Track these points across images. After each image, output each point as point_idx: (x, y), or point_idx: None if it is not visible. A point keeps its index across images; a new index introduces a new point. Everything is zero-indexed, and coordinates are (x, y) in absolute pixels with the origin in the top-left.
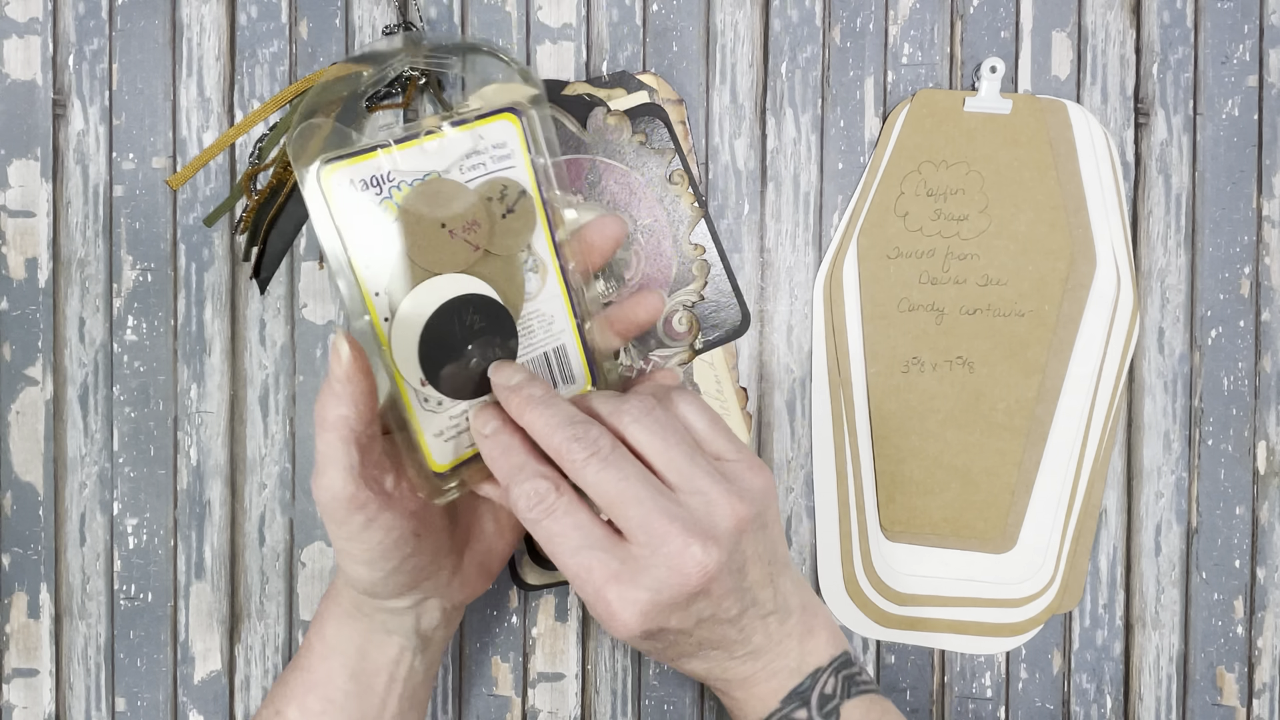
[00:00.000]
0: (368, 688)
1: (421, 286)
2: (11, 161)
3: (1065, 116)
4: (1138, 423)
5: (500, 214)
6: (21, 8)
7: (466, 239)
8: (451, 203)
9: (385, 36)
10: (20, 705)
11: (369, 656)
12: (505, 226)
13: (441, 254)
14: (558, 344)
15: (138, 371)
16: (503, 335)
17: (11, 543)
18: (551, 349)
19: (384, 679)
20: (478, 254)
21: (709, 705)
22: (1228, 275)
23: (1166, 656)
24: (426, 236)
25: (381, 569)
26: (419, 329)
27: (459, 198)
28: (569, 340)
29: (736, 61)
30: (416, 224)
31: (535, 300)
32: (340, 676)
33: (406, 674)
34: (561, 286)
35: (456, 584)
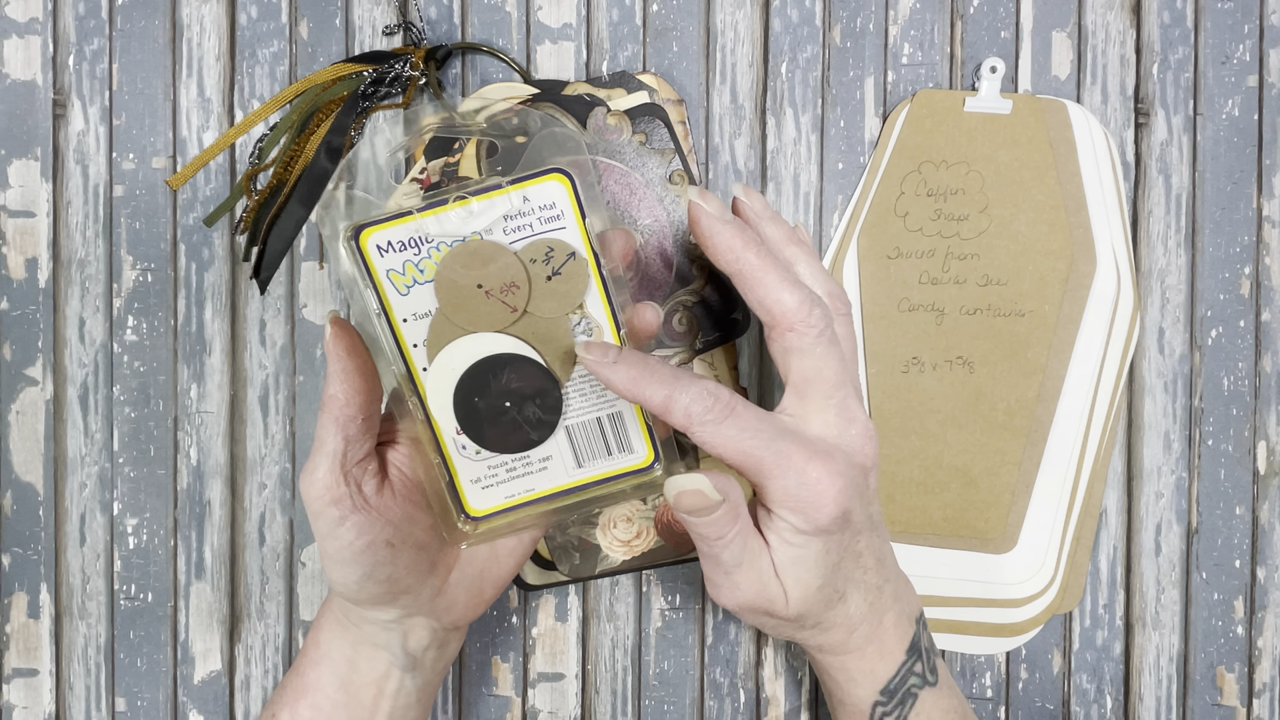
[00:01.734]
0: (356, 700)
1: (458, 342)
2: (11, 161)
3: (1065, 116)
4: (1138, 423)
5: (545, 276)
6: (21, 8)
7: (504, 300)
8: (488, 264)
9: (385, 36)
10: (20, 705)
11: (358, 668)
12: (549, 289)
13: (477, 314)
14: (613, 410)
15: (138, 371)
16: (544, 395)
17: (11, 543)
18: (606, 415)
19: (372, 693)
20: (516, 314)
21: (709, 705)
22: (1228, 275)
23: (1166, 656)
24: (462, 297)
25: (353, 572)
26: (454, 382)
27: (497, 259)
28: (627, 409)
29: (736, 61)
30: (452, 284)
31: None
32: (330, 685)
33: (395, 691)
34: None
35: (442, 605)
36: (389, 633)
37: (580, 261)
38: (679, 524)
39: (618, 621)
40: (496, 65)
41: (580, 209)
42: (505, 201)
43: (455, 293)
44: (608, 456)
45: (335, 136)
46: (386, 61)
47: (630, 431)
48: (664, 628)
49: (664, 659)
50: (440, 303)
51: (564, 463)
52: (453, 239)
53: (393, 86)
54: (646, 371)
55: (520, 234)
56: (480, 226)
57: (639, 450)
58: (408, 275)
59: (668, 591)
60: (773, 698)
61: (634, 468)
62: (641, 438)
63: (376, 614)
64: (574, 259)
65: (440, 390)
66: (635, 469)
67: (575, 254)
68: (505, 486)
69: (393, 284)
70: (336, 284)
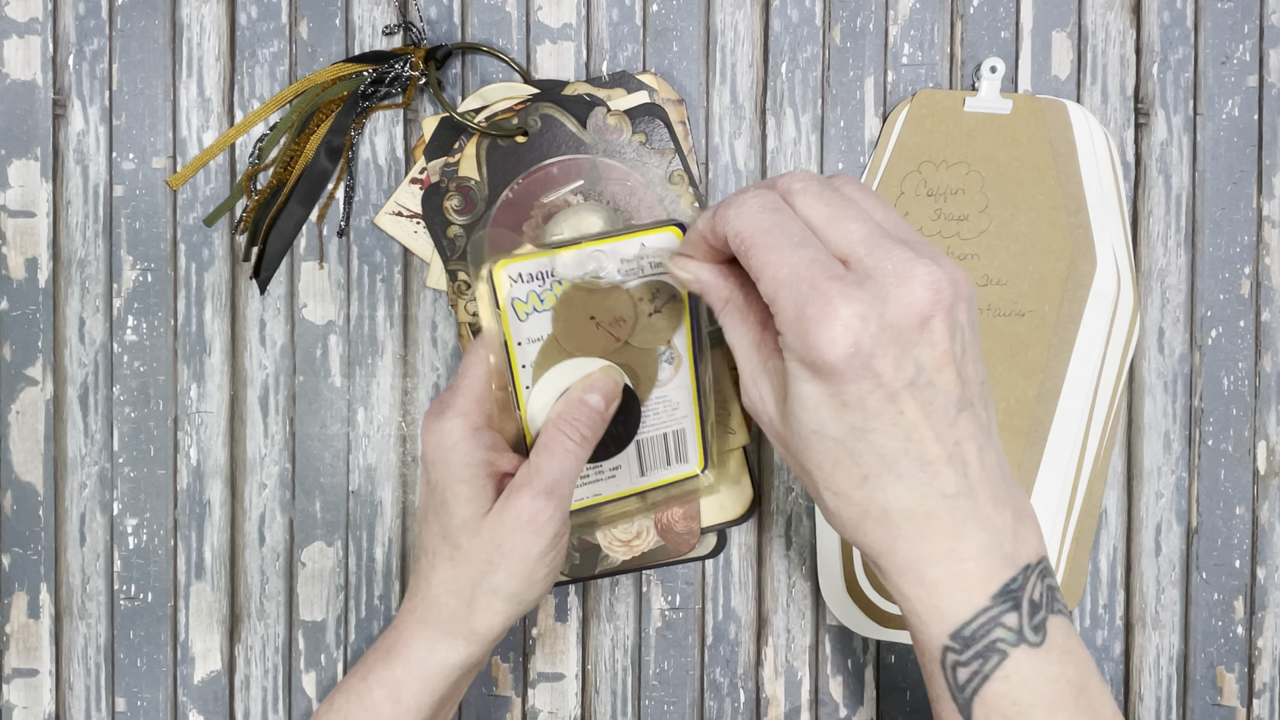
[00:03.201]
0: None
1: (562, 364)
2: (11, 161)
3: (1065, 116)
4: (1138, 423)
5: (647, 313)
6: (21, 8)
7: (610, 331)
8: (604, 300)
9: (385, 36)
10: (20, 705)
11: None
12: (649, 324)
13: (585, 342)
14: (678, 428)
15: (138, 371)
16: (627, 415)
17: (11, 543)
18: (671, 431)
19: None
20: (618, 344)
21: (709, 705)
22: (1228, 275)
23: (1166, 656)
24: (576, 326)
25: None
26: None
27: (612, 296)
28: (689, 426)
29: (736, 61)
30: (569, 315)
31: (665, 387)
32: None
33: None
34: (693, 380)
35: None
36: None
37: (678, 303)
38: (679, 524)
39: (618, 621)
40: (496, 65)
41: None
42: (627, 246)
43: (570, 322)
44: (667, 467)
45: (335, 136)
46: (386, 61)
47: (689, 444)
48: (664, 628)
49: (664, 659)
50: (555, 329)
51: (630, 471)
52: (575, 276)
53: (393, 86)
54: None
55: (633, 275)
56: (601, 266)
57: (693, 460)
58: (529, 304)
59: (668, 591)
60: (773, 698)
61: (688, 475)
62: (697, 449)
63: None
64: (674, 300)
65: (540, 405)
66: (689, 476)
67: (675, 296)
68: (579, 490)
69: (515, 311)
70: (337, 283)
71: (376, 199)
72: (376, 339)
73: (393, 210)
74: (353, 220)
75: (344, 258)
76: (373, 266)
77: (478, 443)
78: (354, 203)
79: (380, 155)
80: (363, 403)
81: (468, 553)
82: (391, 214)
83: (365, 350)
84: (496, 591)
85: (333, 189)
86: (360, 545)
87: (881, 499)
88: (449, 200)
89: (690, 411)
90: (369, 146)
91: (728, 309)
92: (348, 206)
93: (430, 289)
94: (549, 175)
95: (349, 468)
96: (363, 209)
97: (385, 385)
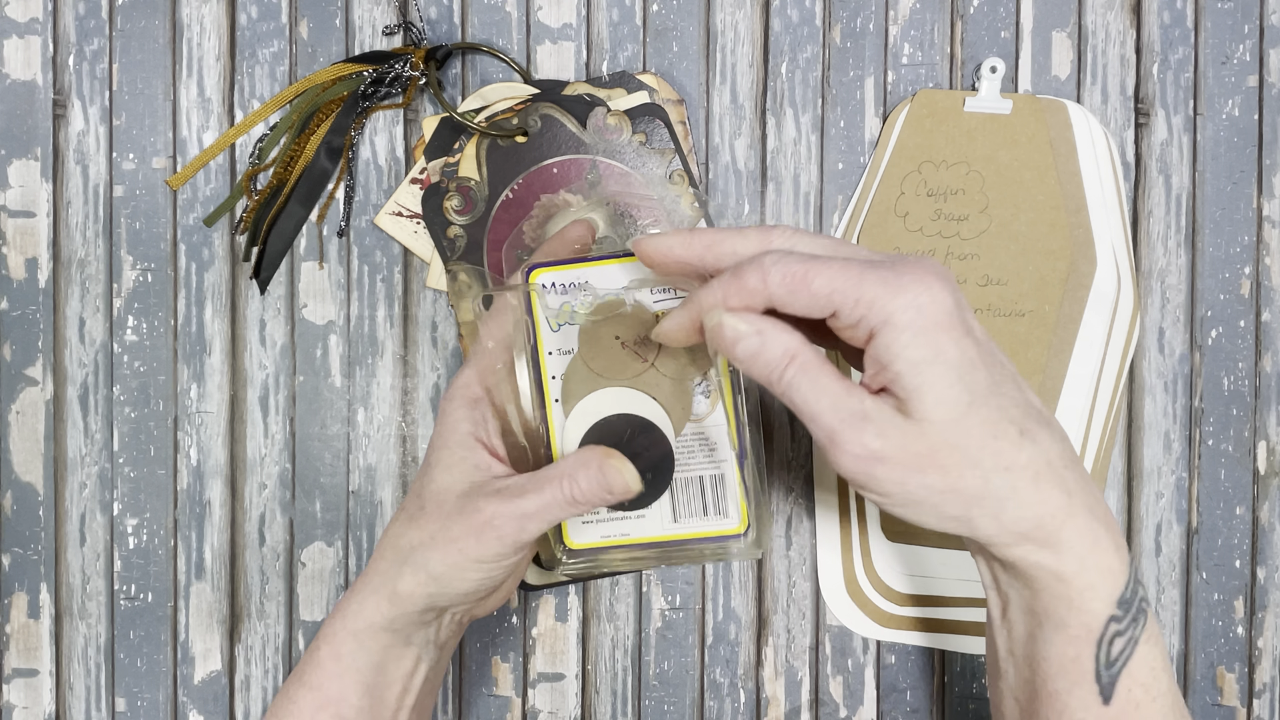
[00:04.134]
0: (381, 701)
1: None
2: (11, 161)
3: (1065, 116)
4: (1138, 423)
5: None
6: (21, 8)
7: (636, 352)
8: (629, 320)
9: (385, 36)
10: (20, 705)
11: (386, 671)
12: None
13: (610, 362)
14: (717, 472)
15: (138, 371)
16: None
17: (11, 543)
18: (709, 475)
19: (397, 690)
20: (645, 366)
21: (709, 705)
22: (1228, 275)
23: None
24: (600, 345)
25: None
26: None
27: (637, 317)
28: (729, 471)
29: (736, 61)
30: (594, 332)
31: (702, 423)
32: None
33: (420, 685)
34: (730, 418)
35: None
36: (428, 628)
37: None
38: None
39: (618, 621)
40: (496, 65)
41: None
42: None
43: (595, 340)
44: (703, 517)
45: (335, 136)
46: (386, 61)
47: (728, 496)
48: (664, 628)
49: (664, 659)
50: (580, 347)
51: (662, 516)
52: (606, 291)
53: (393, 86)
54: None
55: (664, 295)
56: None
57: (733, 517)
58: (562, 315)
59: (668, 591)
60: (773, 698)
61: (726, 533)
62: (738, 504)
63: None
64: None
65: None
66: (727, 534)
67: None
68: (604, 526)
69: (547, 321)
70: (337, 283)
71: (376, 199)
72: (376, 339)
73: (393, 210)
74: (353, 220)
75: (344, 258)
76: (373, 266)
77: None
78: (354, 203)
79: (380, 155)
80: (363, 403)
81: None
82: (391, 214)
83: (365, 350)
84: (426, 565)
85: (333, 189)
86: (360, 545)
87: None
88: (449, 200)
89: (729, 455)
90: (369, 146)
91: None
92: (348, 206)
93: (430, 289)
94: (549, 175)
95: (349, 468)
96: (363, 209)
97: (385, 385)
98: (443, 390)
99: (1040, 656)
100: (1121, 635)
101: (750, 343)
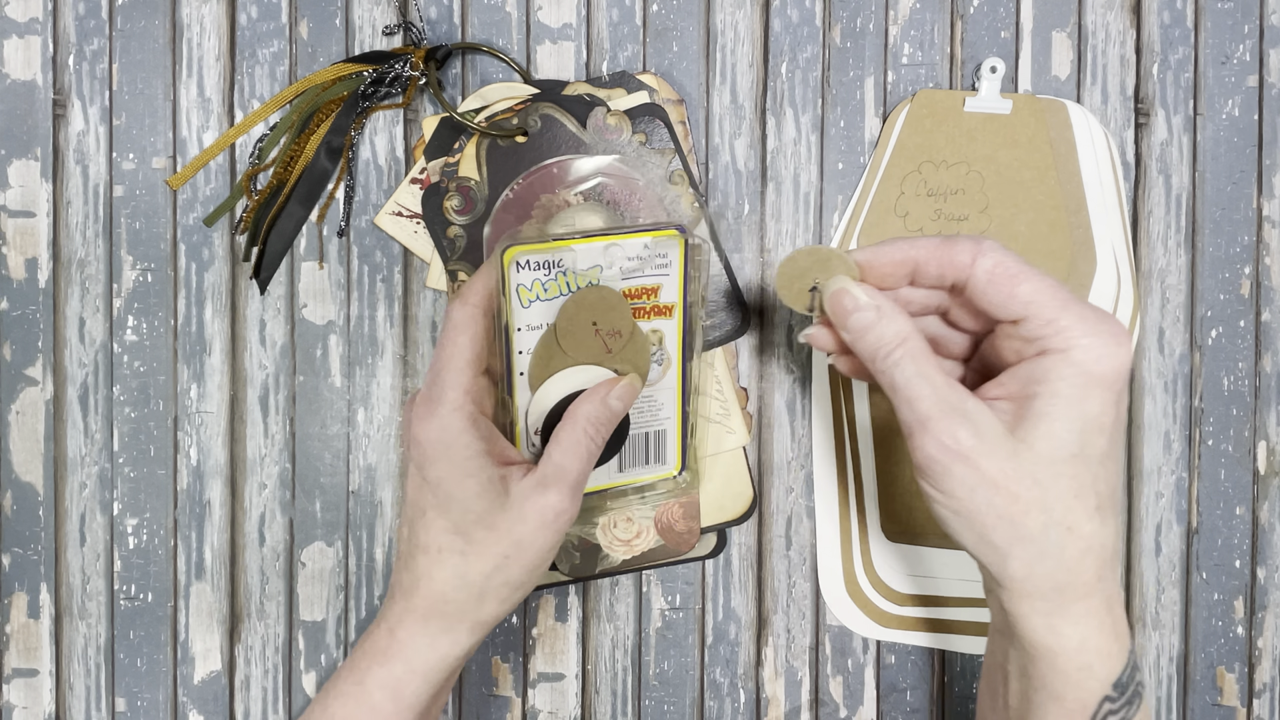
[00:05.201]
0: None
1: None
2: (11, 161)
3: (1065, 116)
4: (1138, 423)
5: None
6: (21, 8)
7: (605, 341)
8: (608, 311)
9: (385, 36)
10: (20, 705)
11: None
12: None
13: (581, 345)
14: (659, 428)
15: (138, 371)
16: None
17: (11, 543)
18: (653, 431)
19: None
20: (609, 355)
21: (709, 705)
22: (1228, 275)
23: (1166, 656)
24: (578, 325)
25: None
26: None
27: (616, 310)
28: (670, 429)
29: (736, 61)
30: (575, 313)
31: (653, 388)
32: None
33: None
34: (678, 384)
35: None
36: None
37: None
38: (679, 523)
39: (618, 621)
40: (496, 65)
41: (685, 264)
42: (633, 245)
43: (574, 320)
44: (644, 465)
45: (335, 136)
46: (386, 61)
47: (668, 446)
48: (664, 628)
49: (664, 659)
50: (559, 322)
51: (609, 468)
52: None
53: (393, 86)
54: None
55: (633, 275)
56: (606, 262)
57: (670, 462)
58: (533, 291)
59: (668, 591)
60: (773, 698)
61: (663, 476)
62: (675, 452)
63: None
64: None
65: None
66: (664, 477)
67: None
68: None
69: (519, 297)
70: (337, 283)
71: (376, 199)
72: (376, 339)
73: (393, 210)
74: (353, 220)
75: (344, 258)
76: (373, 266)
77: (477, 434)
78: (354, 203)
79: (380, 155)
80: (363, 403)
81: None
82: (391, 214)
83: (365, 350)
84: (508, 583)
85: (333, 189)
86: (360, 545)
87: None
88: (449, 200)
89: (673, 414)
90: (369, 146)
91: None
92: (348, 206)
93: (430, 289)
94: (549, 175)
95: (349, 468)
96: (363, 209)
97: (385, 385)
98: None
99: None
100: (1115, 715)
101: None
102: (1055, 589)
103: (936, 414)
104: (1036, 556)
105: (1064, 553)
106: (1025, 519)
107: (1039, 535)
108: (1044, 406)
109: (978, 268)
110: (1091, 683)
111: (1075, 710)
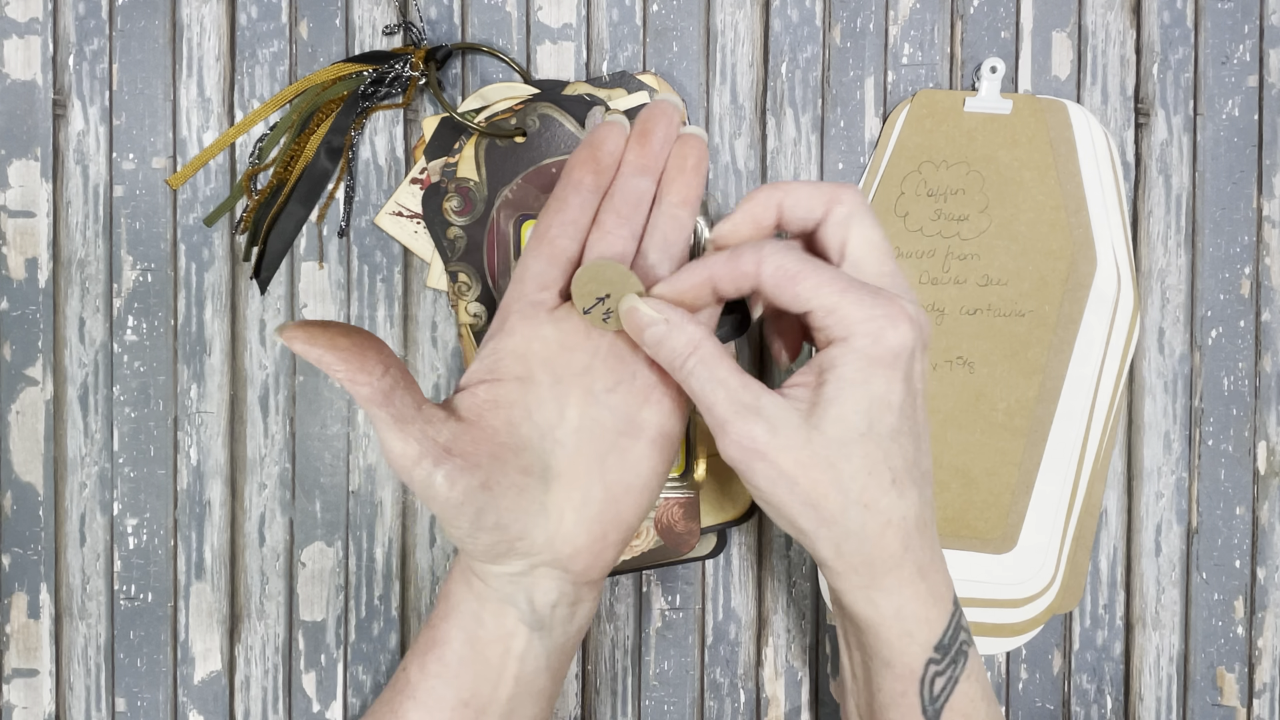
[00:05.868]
0: (483, 657)
1: None
2: (11, 161)
3: (1065, 116)
4: (1138, 423)
5: None
6: (21, 8)
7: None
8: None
9: (385, 36)
10: (20, 705)
11: (484, 624)
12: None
13: None
14: None
15: (138, 371)
16: None
17: (11, 543)
18: None
19: (499, 651)
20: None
21: (709, 705)
22: (1228, 275)
23: (1167, 657)
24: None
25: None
26: None
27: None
28: None
29: (736, 61)
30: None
31: None
32: (457, 639)
33: (522, 652)
34: None
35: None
36: (515, 586)
37: None
38: (679, 524)
39: (618, 621)
40: (496, 65)
41: None
42: None
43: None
44: None
45: (335, 136)
46: (386, 61)
47: None
48: (664, 628)
49: (664, 659)
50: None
51: None
52: None
53: (393, 86)
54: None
55: None
56: None
57: None
58: None
59: (668, 591)
60: (773, 698)
61: None
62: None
63: (502, 568)
64: None
65: None
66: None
67: None
68: None
69: None
70: (337, 283)
71: (376, 199)
72: None
73: (393, 210)
74: (353, 220)
75: (344, 258)
76: (373, 266)
77: None
78: (354, 203)
79: (380, 155)
80: None
81: None
82: (391, 214)
83: None
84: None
85: (333, 189)
86: (360, 545)
87: (904, 507)
88: (449, 200)
89: None
90: (369, 146)
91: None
92: (348, 206)
93: (430, 289)
94: (549, 175)
95: (349, 468)
96: (363, 209)
97: None
98: (444, 391)
99: (875, 687)
100: (942, 675)
101: (657, 329)
102: (865, 564)
103: (731, 415)
104: (841, 536)
105: (865, 529)
106: (825, 502)
107: (840, 515)
108: (832, 392)
109: (762, 275)
110: (914, 648)
111: (904, 675)
